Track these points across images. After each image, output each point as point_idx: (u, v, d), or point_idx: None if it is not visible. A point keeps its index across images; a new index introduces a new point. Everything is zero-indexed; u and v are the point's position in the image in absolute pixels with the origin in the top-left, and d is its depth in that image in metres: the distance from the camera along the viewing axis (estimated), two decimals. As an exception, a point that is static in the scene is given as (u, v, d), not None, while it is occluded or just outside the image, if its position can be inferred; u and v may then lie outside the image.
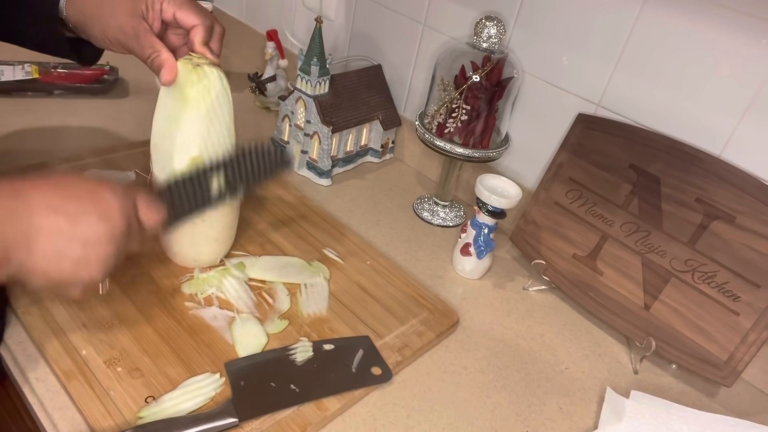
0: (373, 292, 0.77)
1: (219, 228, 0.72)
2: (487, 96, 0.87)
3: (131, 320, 0.66)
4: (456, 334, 0.76)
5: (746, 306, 0.70)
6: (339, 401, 0.62)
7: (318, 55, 0.94)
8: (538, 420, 0.67)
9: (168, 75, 0.62)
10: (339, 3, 1.16)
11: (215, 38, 0.67)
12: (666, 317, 0.76)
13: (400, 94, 1.11)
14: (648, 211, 0.78)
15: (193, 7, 0.65)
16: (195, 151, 0.65)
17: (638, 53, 0.80)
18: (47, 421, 0.56)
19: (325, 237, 0.85)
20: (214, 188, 0.62)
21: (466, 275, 0.86)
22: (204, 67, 0.64)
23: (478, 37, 0.86)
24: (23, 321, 0.64)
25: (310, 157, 1.00)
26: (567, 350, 0.77)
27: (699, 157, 0.75)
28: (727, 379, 0.70)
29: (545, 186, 0.88)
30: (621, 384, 0.74)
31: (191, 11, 0.65)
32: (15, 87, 1.04)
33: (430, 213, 0.99)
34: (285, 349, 0.66)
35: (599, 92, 0.85)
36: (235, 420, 0.57)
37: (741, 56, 0.72)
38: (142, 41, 0.63)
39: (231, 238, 0.77)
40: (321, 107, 0.96)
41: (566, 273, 0.84)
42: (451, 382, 0.69)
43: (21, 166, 0.86)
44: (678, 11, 0.75)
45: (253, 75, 1.21)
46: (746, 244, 0.71)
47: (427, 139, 0.92)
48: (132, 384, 0.59)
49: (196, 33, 0.65)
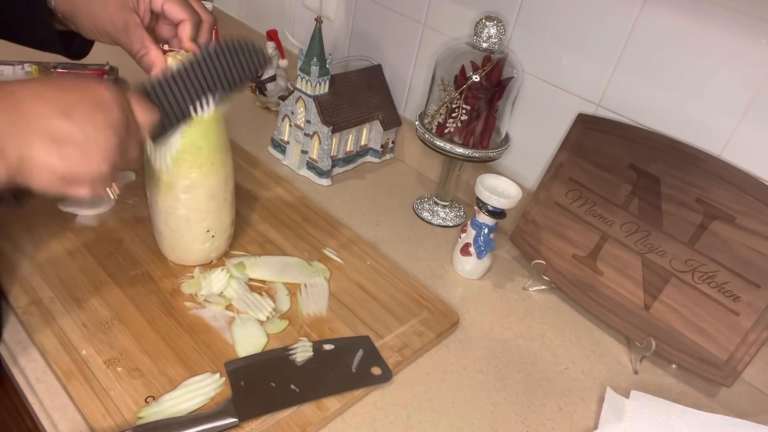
0: (373, 292, 0.77)
1: (213, 222, 0.72)
2: (487, 96, 0.87)
3: (131, 320, 0.66)
4: (456, 334, 0.76)
5: (746, 306, 0.70)
6: (339, 401, 0.62)
7: (318, 55, 0.94)
8: (538, 420, 0.67)
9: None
10: (339, 3, 1.16)
11: (204, 31, 0.66)
12: (666, 317, 0.76)
13: (400, 94, 1.11)
14: (648, 211, 0.78)
15: (182, 1, 0.64)
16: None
17: (638, 53, 0.80)
18: (47, 421, 0.56)
19: (325, 237, 0.85)
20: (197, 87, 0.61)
21: (466, 275, 0.86)
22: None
23: (478, 37, 0.86)
24: (23, 321, 0.64)
25: (310, 157, 1.00)
26: (567, 350, 0.77)
27: (699, 157, 0.75)
28: (727, 379, 0.70)
29: (545, 186, 0.88)
30: (621, 384, 0.74)
31: (179, 5, 0.63)
32: (15, 87, 1.04)
33: (430, 213, 0.99)
34: (285, 349, 0.66)
35: (599, 92, 0.85)
36: (235, 420, 0.57)
37: (741, 56, 0.72)
38: (131, 35, 0.62)
39: (227, 233, 0.76)
40: (321, 107, 0.96)
41: (566, 273, 0.84)
42: (451, 382, 0.69)
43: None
44: (678, 11, 0.75)
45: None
46: (746, 244, 0.71)
47: (427, 139, 0.92)
48: (132, 384, 0.59)
49: (183, 29, 0.64)
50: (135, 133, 0.53)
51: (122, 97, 0.51)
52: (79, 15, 0.63)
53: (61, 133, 0.46)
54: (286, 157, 1.04)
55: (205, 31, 0.66)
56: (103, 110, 0.48)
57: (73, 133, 0.47)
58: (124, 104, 0.51)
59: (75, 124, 0.47)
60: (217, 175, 0.68)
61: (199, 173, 0.66)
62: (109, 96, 0.49)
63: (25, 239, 0.74)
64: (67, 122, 0.46)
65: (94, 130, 0.47)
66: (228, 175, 0.71)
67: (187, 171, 0.66)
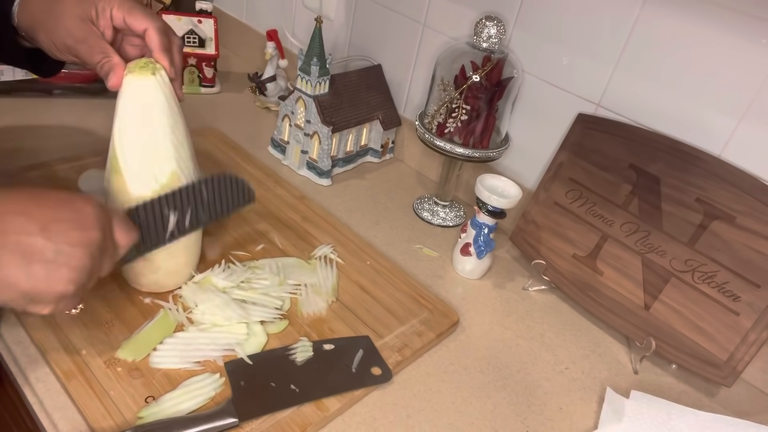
0: (373, 292, 0.77)
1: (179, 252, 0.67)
2: (487, 96, 0.87)
3: (131, 320, 0.66)
4: (456, 334, 0.76)
5: (746, 306, 0.70)
6: (339, 401, 0.62)
7: (318, 55, 0.94)
8: (538, 420, 0.67)
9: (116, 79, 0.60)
10: (339, 3, 1.16)
11: (175, 50, 0.64)
12: (666, 317, 0.76)
13: (400, 94, 1.11)
14: (648, 211, 0.78)
15: (142, 11, 0.62)
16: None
17: (638, 53, 0.80)
18: (47, 421, 0.56)
19: (325, 237, 0.85)
20: (179, 218, 0.61)
21: (466, 275, 0.86)
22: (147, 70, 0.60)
23: (478, 37, 0.86)
24: (23, 321, 0.64)
25: (310, 157, 1.00)
26: (567, 350, 0.77)
27: (699, 157, 0.75)
28: (727, 379, 0.70)
29: (545, 186, 0.88)
30: (621, 384, 0.74)
31: (140, 15, 0.62)
32: (15, 87, 1.04)
33: (430, 213, 0.99)
34: (285, 349, 0.66)
35: (599, 92, 0.85)
36: (235, 420, 0.57)
37: (741, 56, 0.72)
38: (91, 45, 0.60)
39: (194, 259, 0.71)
40: (321, 107, 0.96)
41: (566, 273, 0.84)
42: (451, 382, 0.69)
43: (21, 166, 0.86)
44: (678, 11, 0.75)
45: (253, 75, 1.21)
46: (746, 244, 0.71)
47: (427, 139, 0.92)
48: (132, 384, 0.59)
49: (150, 38, 0.62)
50: (110, 253, 0.52)
51: (105, 215, 0.51)
52: (38, 31, 0.62)
53: (33, 250, 0.46)
54: (286, 157, 1.04)
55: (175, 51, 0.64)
56: (83, 229, 0.48)
57: (46, 251, 0.46)
58: (105, 223, 0.50)
59: (50, 242, 0.46)
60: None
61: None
62: (91, 214, 0.49)
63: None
64: (42, 239, 0.46)
65: (69, 249, 0.47)
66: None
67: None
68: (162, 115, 0.61)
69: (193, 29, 1.17)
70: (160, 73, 0.61)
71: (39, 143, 0.94)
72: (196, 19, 1.18)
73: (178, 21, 1.17)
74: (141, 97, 0.60)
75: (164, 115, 0.61)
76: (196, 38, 1.17)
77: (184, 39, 1.16)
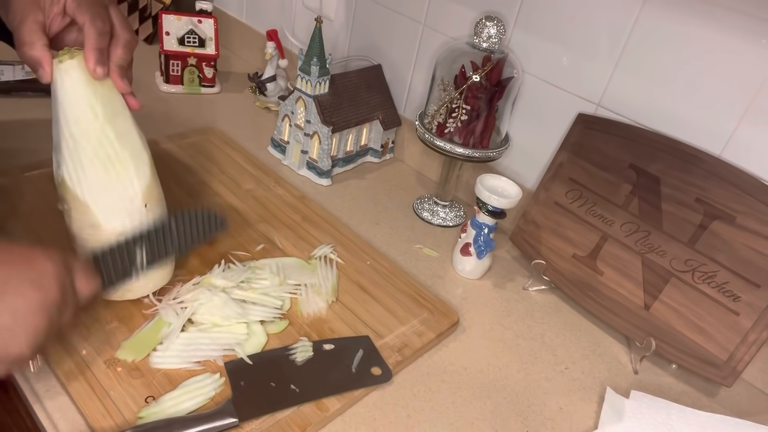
0: (373, 292, 0.77)
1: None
2: (487, 96, 0.87)
3: (131, 320, 0.66)
4: (456, 334, 0.76)
5: (746, 306, 0.70)
6: (339, 401, 0.62)
7: (318, 55, 0.94)
8: (538, 420, 0.67)
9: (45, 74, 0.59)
10: (339, 3, 1.16)
11: (118, 44, 0.62)
12: (666, 317, 0.76)
13: (400, 94, 1.11)
14: (648, 211, 0.78)
15: (89, 8, 0.60)
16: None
17: (638, 53, 0.80)
18: (47, 421, 0.56)
19: (325, 237, 0.85)
20: (146, 255, 0.61)
21: (466, 275, 0.86)
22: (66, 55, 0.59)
23: (478, 37, 0.86)
24: (23, 321, 0.63)
25: (310, 157, 1.00)
26: (567, 350, 0.77)
27: (699, 157, 0.75)
28: (727, 379, 0.70)
29: (545, 186, 0.88)
30: (621, 384, 0.74)
31: (85, 8, 0.60)
32: (15, 87, 1.04)
33: (430, 213, 0.99)
34: (285, 349, 0.66)
35: (599, 92, 0.85)
36: (235, 420, 0.57)
37: (741, 56, 0.72)
38: (25, 26, 0.58)
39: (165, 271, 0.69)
40: (321, 107, 0.96)
41: (566, 273, 0.84)
42: (451, 382, 0.69)
43: (21, 165, 0.86)
44: (678, 11, 0.75)
45: (253, 75, 1.21)
46: (746, 244, 0.71)
47: (427, 139, 0.92)
48: (132, 384, 0.59)
49: (84, 33, 0.59)
50: (71, 306, 0.51)
51: (65, 270, 0.49)
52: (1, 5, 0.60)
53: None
54: (286, 157, 1.04)
55: (115, 50, 0.62)
56: (41, 290, 0.47)
57: (2, 316, 0.45)
58: (64, 278, 0.49)
59: (5, 305, 0.45)
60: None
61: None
62: (51, 272, 0.48)
63: (26, 239, 0.74)
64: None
65: (25, 312, 0.46)
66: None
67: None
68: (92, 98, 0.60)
69: (193, 29, 1.17)
70: (78, 58, 0.59)
71: (39, 143, 0.94)
72: (196, 19, 1.18)
73: (178, 21, 1.17)
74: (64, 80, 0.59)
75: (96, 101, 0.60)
76: (196, 38, 1.17)
77: (185, 39, 1.16)
